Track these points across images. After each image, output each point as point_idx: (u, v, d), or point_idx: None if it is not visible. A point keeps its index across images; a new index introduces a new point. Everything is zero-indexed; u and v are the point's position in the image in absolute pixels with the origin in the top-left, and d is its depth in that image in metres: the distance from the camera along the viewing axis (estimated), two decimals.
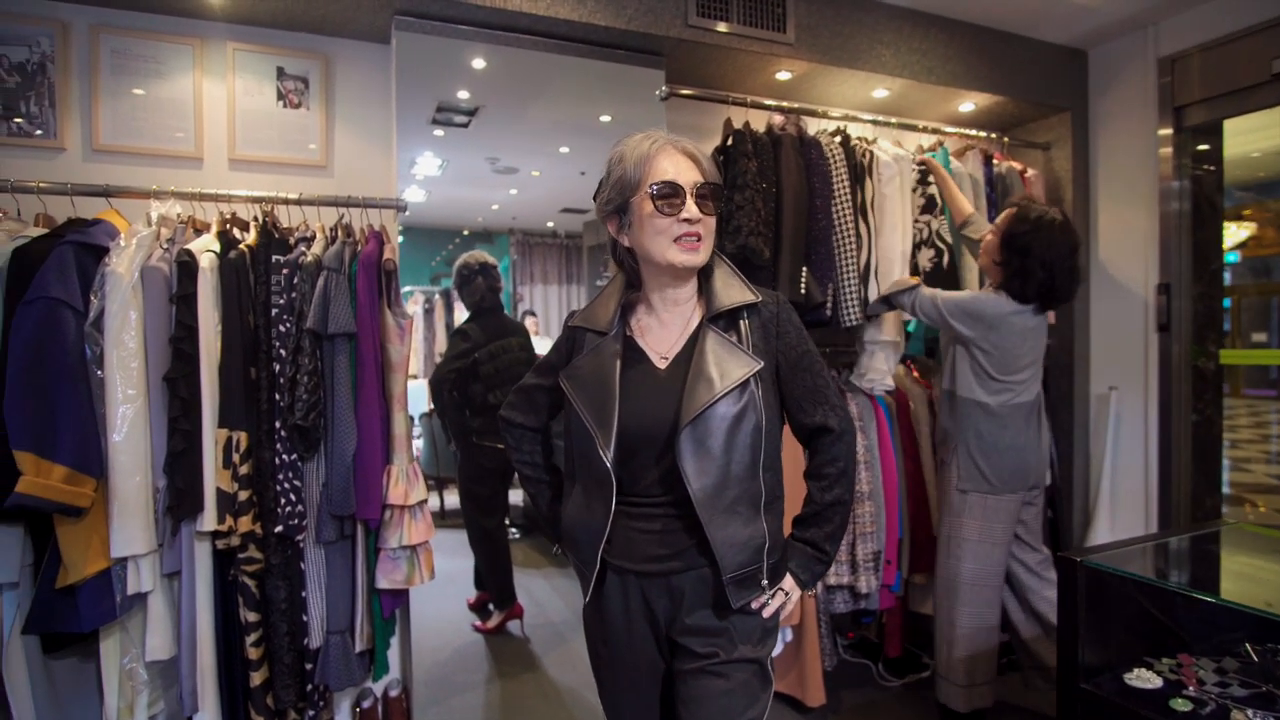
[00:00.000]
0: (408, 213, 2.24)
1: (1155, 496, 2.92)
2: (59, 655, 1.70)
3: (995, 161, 2.81)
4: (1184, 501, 2.88)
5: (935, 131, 2.86)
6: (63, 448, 1.55)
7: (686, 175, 1.22)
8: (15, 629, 1.61)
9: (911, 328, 2.70)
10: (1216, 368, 2.86)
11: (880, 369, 2.55)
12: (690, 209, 1.21)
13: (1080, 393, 3.11)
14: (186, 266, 1.71)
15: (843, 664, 2.81)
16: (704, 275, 1.31)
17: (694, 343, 1.25)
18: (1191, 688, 1.33)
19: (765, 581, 1.23)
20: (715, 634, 1.23)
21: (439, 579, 2.04)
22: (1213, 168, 2.91)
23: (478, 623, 2.97)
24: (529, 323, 3.77)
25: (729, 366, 1.20)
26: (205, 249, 1.76)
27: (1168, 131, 2.85)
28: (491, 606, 3.00)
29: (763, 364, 1.22)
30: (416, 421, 3.48)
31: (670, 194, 1.21)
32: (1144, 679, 1.35)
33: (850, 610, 2.50)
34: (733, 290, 1.28)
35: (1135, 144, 2.97)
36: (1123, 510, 3.02)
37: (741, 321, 1.26)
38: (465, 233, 3.78)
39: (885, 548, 2.47)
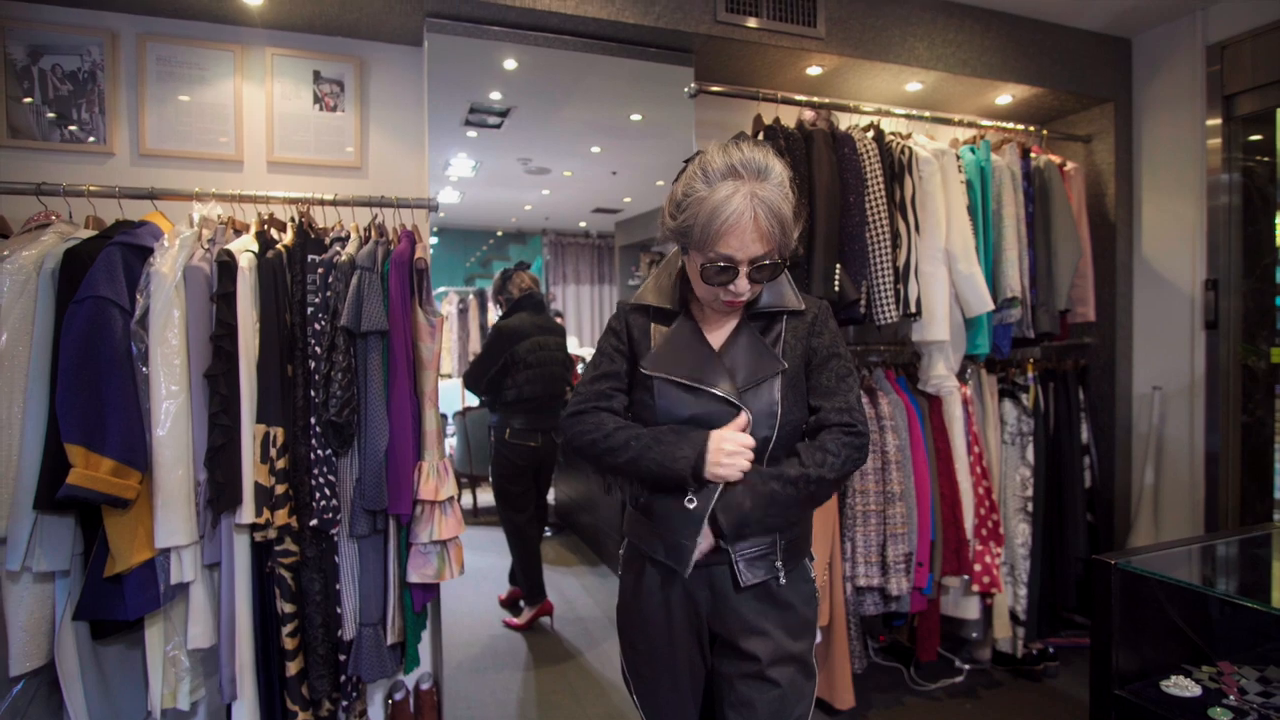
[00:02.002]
0: (442, 214, 2.27)
1: (1202, 500, 2.82)
2: (107, 641, 1.76)
3: (1033, 155, 2.75)
4: (1232, 506, 2.78)
5: (971, 125, 2.81)
6: (111, 441, 1.60)
7: (749, 249, 1.16)
8: (66, 615, 1.67)
9: (983, 324, 2.55)
10: (1268, 367, 2.76)
11: (940, 372, 2.51)
12: (739, 284, 1.20)
13: (1122, 392, 3.02)
14: (226, 266, 1.76)
15: (874, 667, 2.78)
16: None
17: (734, 336, 1.29)
18: (1232, 697, 1.29)
19: (779, 562, 1.24)
20: (756, 630, 1.24)
21: (471, 575, 2.07)
22: (1266, 158, 2.80)
23: (509, 618, 3.01)
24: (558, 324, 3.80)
25: (754, 365, 1.25)
26: (244, 249, 1.81)
27: (1216, 121, 2.76)
28: (522, 603, 3.03)
29: (787, 366, 1.25)
30: (450, 420, 3.53)
31: (724, 269, 1.18)
32: (1182, 686, 1.31)
33: (880, 613, 2.47)
34: (780, 294, 1.31)
35: (1182, 135, 2.87)
36: (1167, 514, 2.93)
37: (779, 324, 1.30)
38: (499, 233, 3.81)
39: (917, 549, 2.44)
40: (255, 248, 1.83)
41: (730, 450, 1.18)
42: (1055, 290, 2.73)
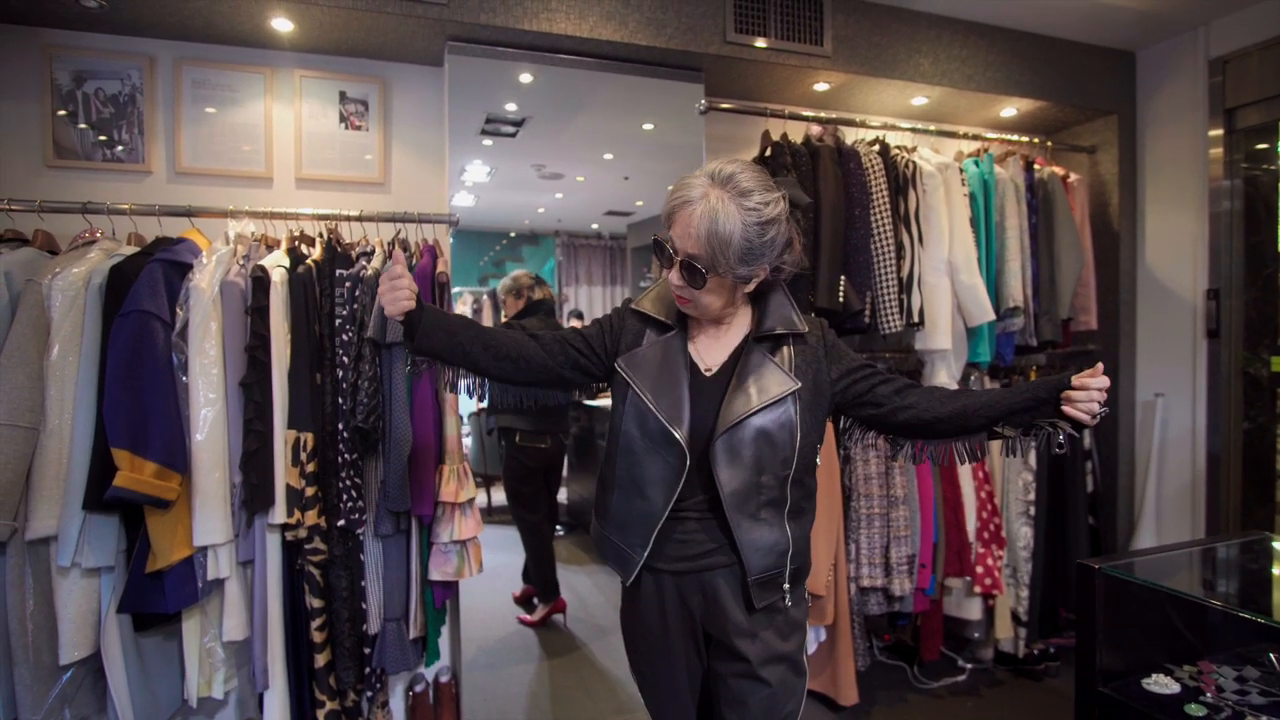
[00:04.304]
0: (457, 218, 2.36)
1: (1203, 505, 2.87)
2: (148, 633, 1.87)
3: (1037, 167, 2.80)
4: (1234, 511, 2.83)
5: (976, 138, 2.87)
6: (153, 446, 1.71)
7: (684, 243, 1.22)
8: (111, 608, 1.78)
9: (984, 333, 2.63)
10: (1270, 375, 2.80)
11: (942, 380, 2.57)
12: (672, 275, 1.26)
13: (1125, 398, 3.08)
14: (260, 281, 1.87)
15: (879, 666, 2.85)
16: (758, 295, 1.37)
17: (737, 357, 1.33)
18: (1209, 694, 1.36)
19: (787, 585, 1.30)
20: (748, 633, 1.31)
21: (486, 573, 2.16)
22: (1271, 167, 2.84)
23: (523, 615, 3.10)
24: (574, 325, 3.88)
25: (767, 384, 1.28)
26: (276, 264, 1.92)
27: (1218, 133, 2.81)
28: (536, 600, 3.12)
29: (800, 385, 1.29)
30: (465, 421, 3.62)
31: (659, 250, 1.25)
32: (1162, 684, 1.38)
33: (884, 612, 2.54)
34: (783, 317, 1.34)
35: (1185, 146, 2.92)
36: (1169, 519, 2.98)
37: (786, 346, 1.33)
38: (512, 234, 3.90)
39: (920, 551, 2.51)
40: (286, 263, 1.94)
41: (390, 287, 1.27)
42: (1058, 299, 2.79)
